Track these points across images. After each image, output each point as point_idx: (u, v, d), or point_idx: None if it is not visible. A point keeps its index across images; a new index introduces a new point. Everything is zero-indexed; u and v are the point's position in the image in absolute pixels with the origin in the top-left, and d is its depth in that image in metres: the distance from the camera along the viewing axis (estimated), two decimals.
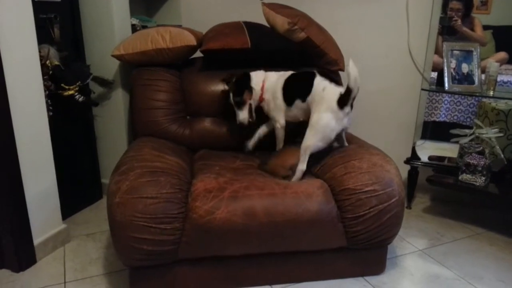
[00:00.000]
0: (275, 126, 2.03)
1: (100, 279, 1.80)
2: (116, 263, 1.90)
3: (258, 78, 2.02)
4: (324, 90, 1.81)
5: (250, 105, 2.00)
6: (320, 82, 1.85)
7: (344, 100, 1.74)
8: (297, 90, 1.93)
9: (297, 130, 1.95)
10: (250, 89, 1.98)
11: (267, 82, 2.01)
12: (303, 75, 1.97)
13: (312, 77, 1.88)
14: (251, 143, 2.11)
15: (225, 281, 1.71)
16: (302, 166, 1.80)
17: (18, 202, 1.81)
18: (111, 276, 1.82)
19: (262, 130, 2.10)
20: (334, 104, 1.75)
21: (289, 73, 2.00)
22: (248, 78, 1.99)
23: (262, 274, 1.74)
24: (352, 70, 1.66)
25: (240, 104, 1.96)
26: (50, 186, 1.97)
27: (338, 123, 1.77)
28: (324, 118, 1.77)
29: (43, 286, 1.75)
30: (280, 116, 1.99)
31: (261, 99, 2.02)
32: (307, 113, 1.86)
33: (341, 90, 1.78)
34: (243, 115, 1.97)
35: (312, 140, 1.78)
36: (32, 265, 1.89)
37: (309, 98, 1.86)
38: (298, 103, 1.92)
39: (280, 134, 2.03)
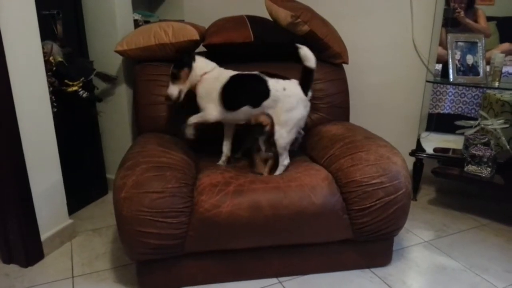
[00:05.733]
0: (206, 117, 1.87)
1: (108, 273, 1.81)
2: (122, 258, 1.91)
3: (204, 66, 1.91)
4: (286, 89, 1.79)
5: (181, 89, 1.88)
6: (275, 84, 1.80)
7: (307, 87, 1.82)
8: (246, 96, 1.82)
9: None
10: (190, 68, 1.88)
11: (207, 76, 1.89)
12: (248, 79, 1.85)
13: (263, 81, 1.81)
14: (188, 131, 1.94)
15: (231, 274, 1.72)
16: (286, 161, 1.82)
17: (25, 198, 1.82)
18: (118, 270, 1.83)
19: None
20: (301, 95, 1.81)
21: (227, 75, 1.88)
22: (191, 58, 1.89)
23: (268, 267, 1.74)
24: (307, 52, 1.76)
25: (175, 78, 1.86)
26: (56, 182, 1.98)
27: (306, 109, 1.85)
28: (297, 113, 1.80)
29: (51, 281, 1.76)
30: (213, 110, 1.86)
31: (193, 89, 1.91)
32: (252, 117, 1.83)
33: (295, 81, 1.83)
34: (173, 90, 1.86)
35: (288, 137, 1.80)
36: (40, 260, 1.90)
37: (266, 103, 1.79)
38: (245, 109, 1.82)
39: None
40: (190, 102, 1.93)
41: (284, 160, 1.82)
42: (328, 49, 2.17)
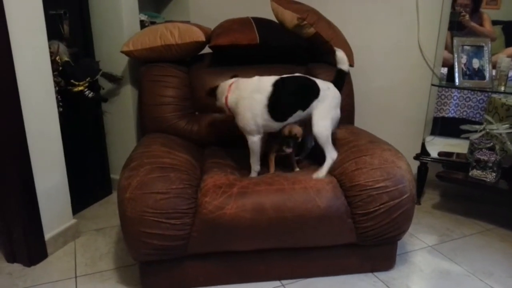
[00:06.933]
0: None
1: (111, 273, 1.81)
2: (126, 258, 1.91)
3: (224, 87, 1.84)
4: (330, 88, 1.80)
5: None
6: (322, 84, 1.79)
7: (340, 88, 1.85)
8: (298, 100, 1.76)
9: None
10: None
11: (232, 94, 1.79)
12: (298, 82, 1.79)
13: (312, 81, 1.78)
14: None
15: (234, 276, 1.72)
16: (334, 154, 1.77)
17: (29, 197, 1.83)
18: (121, 270, 1.83)
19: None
20: (339, 94, 1.84)
21: (267, 84, 1.75)
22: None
23: (271, 270, 1.74)
24: (343, 56, 1.82)
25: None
26: (60, 182, 1.98)
27: (340, 109, 1.86)
28: (337, 111, 1.82)
29: (54, 280, 1.77)
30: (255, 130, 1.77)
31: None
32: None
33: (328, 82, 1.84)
34: None
35: (328, 130, 1.76)
36: (43, 260, 1.91)
37: (313, 104, 1.76)
38: (298, 113, 1.76)
39: (257, 148, 1.80)
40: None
41: (331, 152, 1.76)
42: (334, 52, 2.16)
